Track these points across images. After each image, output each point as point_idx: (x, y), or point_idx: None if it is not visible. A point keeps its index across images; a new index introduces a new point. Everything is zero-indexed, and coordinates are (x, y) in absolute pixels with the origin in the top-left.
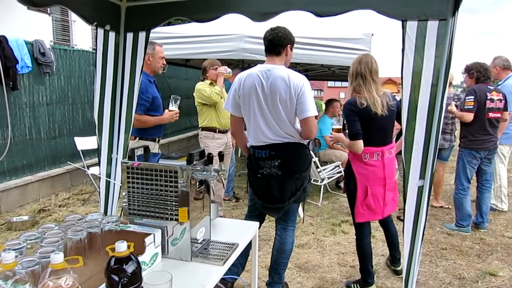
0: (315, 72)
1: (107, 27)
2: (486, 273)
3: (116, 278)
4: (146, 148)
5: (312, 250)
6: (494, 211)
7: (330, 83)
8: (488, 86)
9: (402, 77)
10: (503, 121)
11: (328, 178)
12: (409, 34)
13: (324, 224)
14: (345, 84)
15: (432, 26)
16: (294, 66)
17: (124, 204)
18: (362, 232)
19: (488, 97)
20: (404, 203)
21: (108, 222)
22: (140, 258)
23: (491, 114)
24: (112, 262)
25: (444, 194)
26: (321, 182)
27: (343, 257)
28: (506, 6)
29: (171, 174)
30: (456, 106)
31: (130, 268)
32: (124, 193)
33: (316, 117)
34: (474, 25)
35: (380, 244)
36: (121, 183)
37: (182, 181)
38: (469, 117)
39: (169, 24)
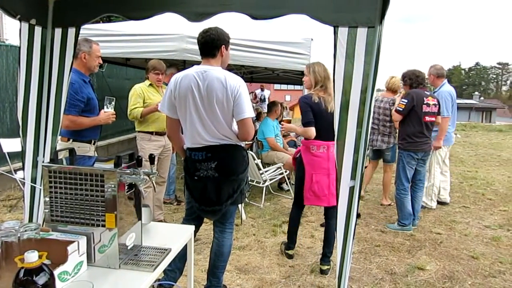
0: (260, 75)
1: (33, 21)
2: (415, 267)
3: None
4: (72, 151)
5: (253, 252)
6: (424, 208)
7: (277, 86)
8: (425, 92)
9: (334, 82)
10: (436, 124)
11: (270, 179)
12: (341, 40)
13: (266, 226)
14: (290, 87)
15: (362, 33)
16: (239, 69)
17: (46, 211)
18: (295, 206)
19: (425, 102)
20: (337, 202)
21: (26, 230)
22: (62, 268)
23: (427, 118)
24: (21, 274)
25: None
26: (263, 184)
27: (283, 257)
28: (435, 17)
29: (97, 178)
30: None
31: (41, 279)
32: (46, 199)
33: (259, 118)
34: (412, 33)
35: (318, 244)
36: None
37: (109, 185)
38: (397, 117)
39: (109, 21)
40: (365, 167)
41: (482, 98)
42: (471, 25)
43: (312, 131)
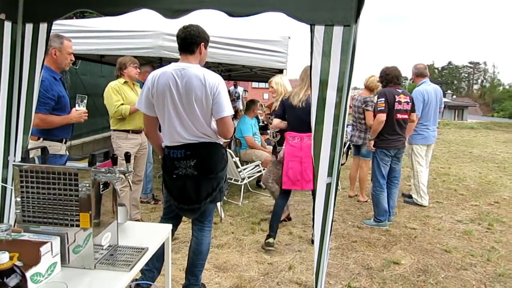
0: (238, 73)
1: (2, 16)
2: (391, 262)
3: None
4: (44, 149)
5: (231, 250)
6: (415, 205)
7: (255, 84)
8: (397, 89)
9: (310, 79)
10: (410, 122)
11: (249, 177)
12: (317, 38)
13: (244, 223)
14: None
15: (338, 31)
16: (217, 67)
17: (18, 211)
18: (281, 196)
19: (396, 100)
20: (314, 199)
21: None
22: (35, 269)
23: (399, 116)
24: None
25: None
26: (241, 182)
27: (261, 255)
28: (409, 18)
29: (70, 177)
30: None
31: (12, 281)
32: (17, 199)
33: (237, 116)
34: (388, 33)
35: (296, 241)
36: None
37: (83, 185)
38: (382, 117)
39: (82, 17)
40: (342, 164)
41: (454, 96)
42: (444, 25)
43: (275, 121)
